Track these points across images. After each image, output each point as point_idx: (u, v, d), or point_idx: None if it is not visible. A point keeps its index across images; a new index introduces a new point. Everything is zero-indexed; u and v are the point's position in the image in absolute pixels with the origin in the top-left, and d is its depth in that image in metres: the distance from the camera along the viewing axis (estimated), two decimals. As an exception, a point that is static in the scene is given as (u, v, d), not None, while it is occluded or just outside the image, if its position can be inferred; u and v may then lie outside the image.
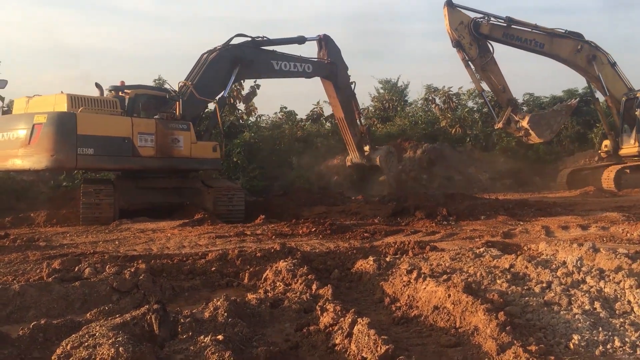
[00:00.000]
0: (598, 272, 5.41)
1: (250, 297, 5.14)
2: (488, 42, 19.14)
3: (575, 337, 3.91)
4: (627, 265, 5.72)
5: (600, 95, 22.11)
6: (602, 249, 6.51)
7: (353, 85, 18.03)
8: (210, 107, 16.60)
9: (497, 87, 19.35)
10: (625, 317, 4.34)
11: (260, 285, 6.02)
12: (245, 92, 23.70)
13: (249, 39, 15.61)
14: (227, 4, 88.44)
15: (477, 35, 18.79)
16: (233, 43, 15.35)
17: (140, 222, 11.92)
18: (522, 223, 11.39)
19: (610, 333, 3.99)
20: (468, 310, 4.28)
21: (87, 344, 3.48)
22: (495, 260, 6.40)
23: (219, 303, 4.48)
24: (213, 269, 6.62)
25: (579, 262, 5.83)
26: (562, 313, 4.35)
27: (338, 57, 17.46)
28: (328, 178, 22.86)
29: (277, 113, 27.67)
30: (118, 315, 4.15)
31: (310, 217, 12.94)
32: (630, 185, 20.33)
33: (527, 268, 5.80)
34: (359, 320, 3.97)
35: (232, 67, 14.92)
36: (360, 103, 21.66)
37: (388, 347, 3.50)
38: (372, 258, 6.70)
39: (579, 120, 27.52)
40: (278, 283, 5.83)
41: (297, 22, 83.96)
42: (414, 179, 23.48)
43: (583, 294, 4.72)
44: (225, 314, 4.25)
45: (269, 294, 5.38)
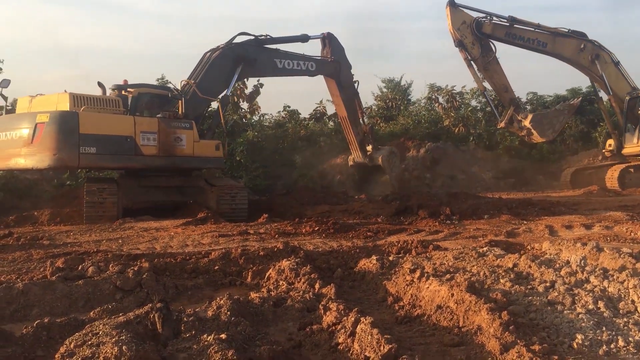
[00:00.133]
0: (602, 271, 5.40)
1: (253, 295, 5.14)
2: (490, 41, 19.08)
3: (579, 336, 3.90)
4: (631, 265, 5.70)
5: (604, 94, 22.03)
6: (605, 249, 6.49)
7: (356, 84, 18.04)
8: (213, 105, 16.59)
9: (499, 86, 19.27)
10: (629, 316, 4.33)
11: (263, 284, 6.02)
12: (249, 90, 23.75)
13: (252, 38, 15.57)
14: (228, 3, 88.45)
15: (479, 35, 18.71)
16: (236, 42, 15.32)
17: (144, 220, 11.94)
18: (525, 222, 11.36)
19: (614, 333, 3.98)
20: (471, 310, 4.28)
21: (90, 343, 3.49)
22: (499, 260, 6.39)
23: (222, 302, 4.48)
24: (216, 268, 6.63)
25: (583, 261, 5.82)
26: (565, 312, 4.34)
27: (342, 55, 17.43)
28: (331, 177, 22.81)
29: (280, 112, 27.64)
30: (121, 314, 4.17)
31: (314, 216, 12.92)
32: (634, 185, 20.23)
33: (530, 267, 5.79)
34: (362, 320, 3.97)
35: (235, 65, 14.89)
36: (364, 102, 21.71)
37: (391, 346, 3.50)
38: (375, 257, 6.70)
39: (583, 120, 27.39)
40: (281, 282, 5.83)
41: (298, 21, 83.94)
42: (417, 178, 23.42)
43: (587, 294, 4.71)
44: (228, 313, 4.25)
45: (272, 293, 5.38)
